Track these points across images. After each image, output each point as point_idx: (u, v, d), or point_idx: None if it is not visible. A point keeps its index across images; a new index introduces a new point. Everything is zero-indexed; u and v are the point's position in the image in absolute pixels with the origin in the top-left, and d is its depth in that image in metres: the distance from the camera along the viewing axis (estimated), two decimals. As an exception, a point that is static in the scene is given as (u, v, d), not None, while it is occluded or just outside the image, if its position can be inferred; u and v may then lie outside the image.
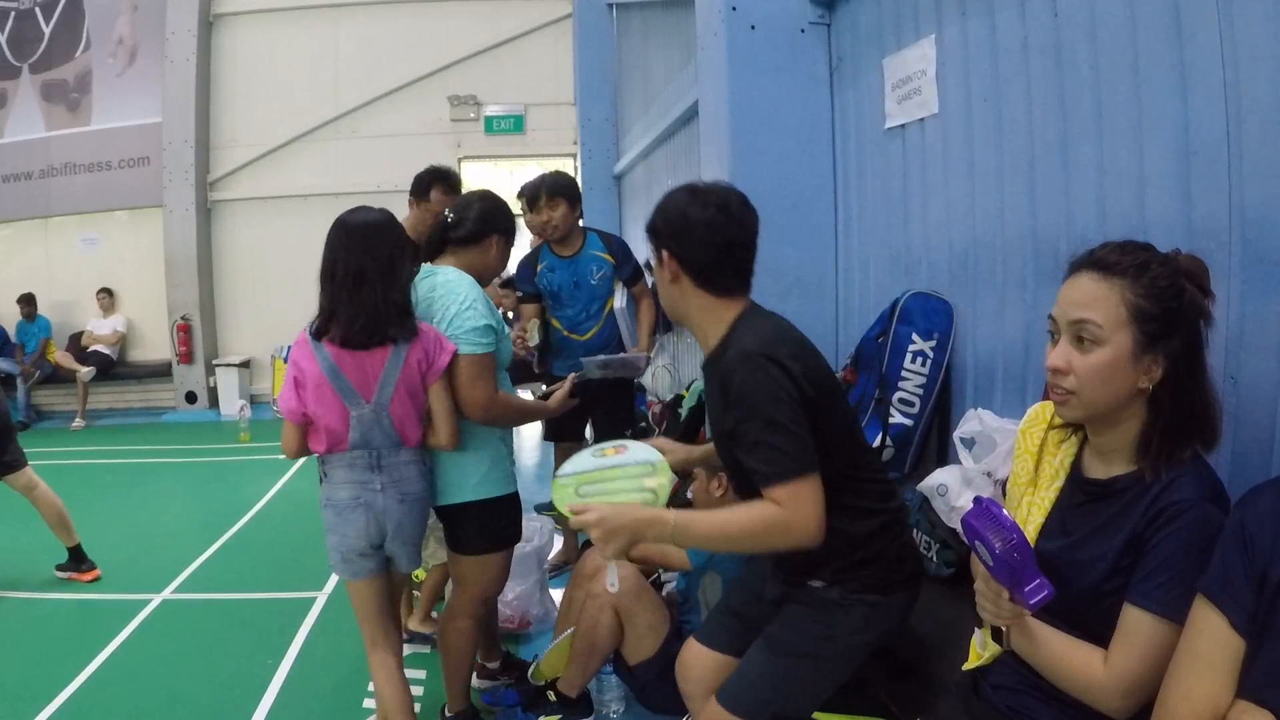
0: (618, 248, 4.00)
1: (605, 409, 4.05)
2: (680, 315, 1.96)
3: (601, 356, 3.80)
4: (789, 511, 1.68)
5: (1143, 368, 1.31)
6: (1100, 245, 1.37)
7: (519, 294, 4.02)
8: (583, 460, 1.97)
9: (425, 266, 2.54)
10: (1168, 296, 1.30)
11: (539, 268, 3.94)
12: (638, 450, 1.97)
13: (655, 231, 1.92)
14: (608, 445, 2.01)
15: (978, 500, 1.33)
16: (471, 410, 2.41)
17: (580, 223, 4.03)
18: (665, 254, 1.89)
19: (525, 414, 2.74)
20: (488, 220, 2.61)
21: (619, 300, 4.00)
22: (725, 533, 1.73)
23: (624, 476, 1.88)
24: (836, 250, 3.53)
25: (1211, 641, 1.14)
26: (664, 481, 1.85)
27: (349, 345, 2.24)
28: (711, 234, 1.87)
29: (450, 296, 2.42)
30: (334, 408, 2.26)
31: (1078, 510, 1.43)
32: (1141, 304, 1.29)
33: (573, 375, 2.79)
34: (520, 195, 3.97)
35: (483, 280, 2.63)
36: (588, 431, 4.36)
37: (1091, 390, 1.33)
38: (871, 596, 1.87)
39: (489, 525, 2.56)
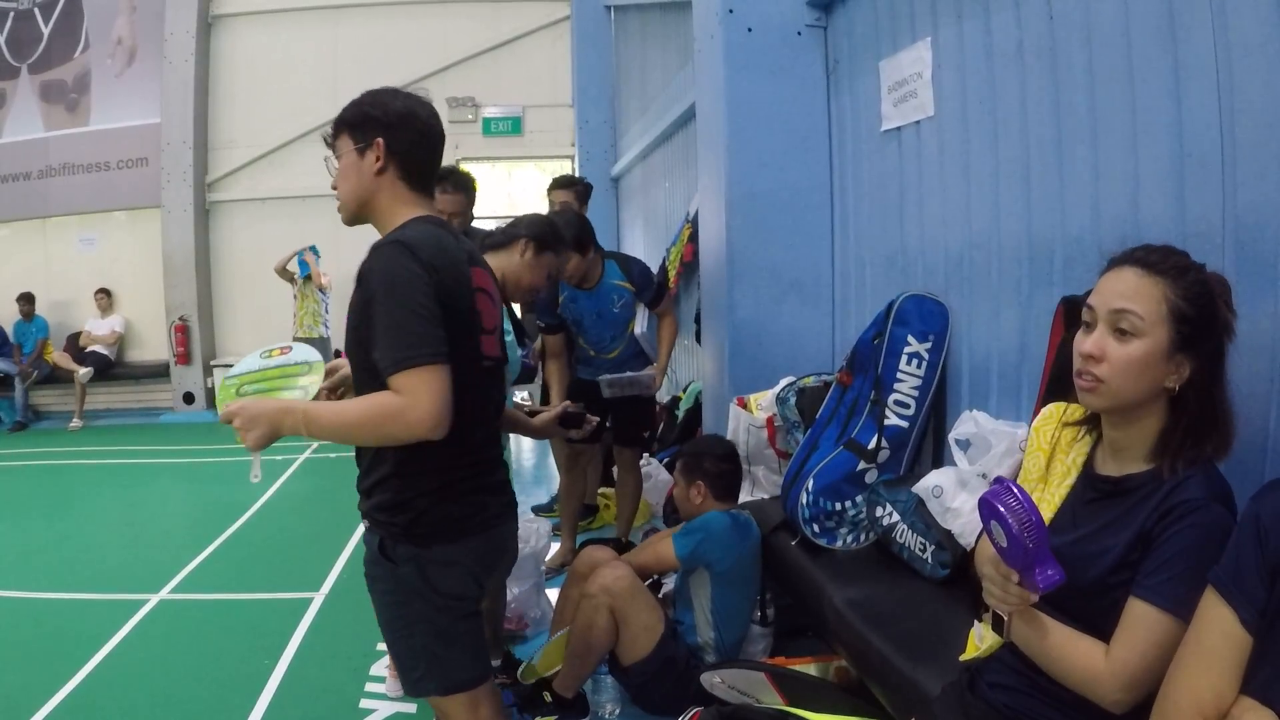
0: (638, 275, 3.99)
1: (624, 411, 4.09)
2: (364, 206, 1.89)
3: (609, 376, 3.86)
4: (407, 399, 1.65)
5: (1172, 367, 1.33)
6: (1139, 246, 1.41)
7: (540, 325, 4.01)
8: (250, 361, 1.98)
9: None
10: (1203, 302, 1.33)
11: (560, 299, 3.93)
12: (300, 350, 1.98)
13: (371, 120, 1.87)
14: (275, 346, 2.01)
15: (999, 480, 1.34)
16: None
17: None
18: (380, 142, 1.84)
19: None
20: (520, 224, 2.65)
21: (640, 325, 4.03)
22: (345, 420, 1.72)
23: (282, 375, 1.90)
24: (833, 252, 3.54)
25: (1219, 635, 1.14)
26: (317, 379, 1.87)
27: None
28: (428, 132, 1.89)
29: None
30: None
31: (1088, 506, 1.44)
32: (1181, 305, 1.32)
33: (565, 404, 2.70)
34: None
35: (513, 291, 2.63)
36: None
37: (1122, 380, 1.34)
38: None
39: None
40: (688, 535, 2.77)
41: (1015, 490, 1.30)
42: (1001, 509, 1.29)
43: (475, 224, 3.73)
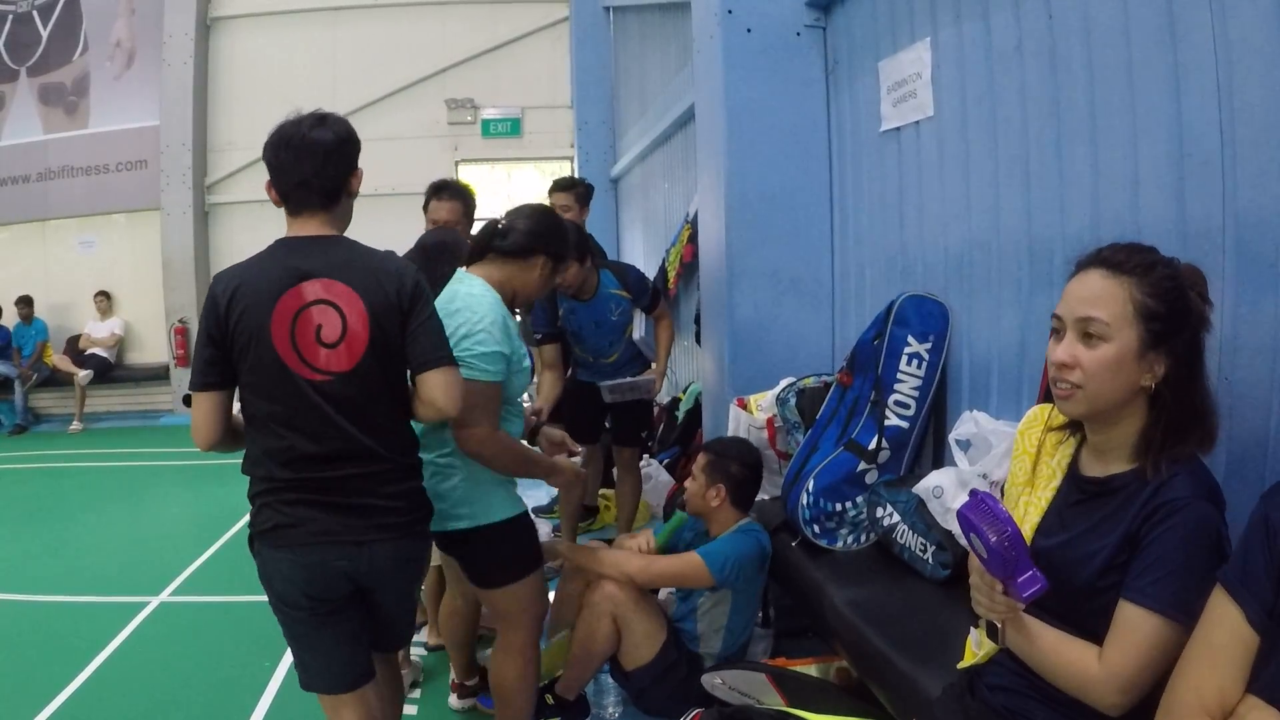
0: (633, 281, 3.99)
1: (623, 411, 4.11)
2: None
3: (610, 383, 3.88)
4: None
5: (1146, 365, 1.33)
6: (1107, 246, 1.40)
7: (537, 336, 4.03)
8: None
9: (458, 271, 2.35)
10: (1172, 297, 1.32)
11: (559, 311, 3.93)
12: None
13: None
14: None
15: (973, 493, 1.34)
16: (465, 441, 2.19)
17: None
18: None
19: (522, 463, 2.37)
20: (540, 236, 2.38)
21: (638, 330, 4.04)
22: None
23: None
24: (833, 253, 3.54)
25: (1226, 634, 1.14)
26: None
27: None
28: (267, 155, 2.07)
29: (466, 314, 2.20)
30: None
31: (1075, 508, 1.44)
32: (1148, 302, 1.31)
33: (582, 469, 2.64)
34: None
35: (518, 301, 2.43)
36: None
37: (1098, 384, 1.33)
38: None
39: (502, 551, 2.35)
40: (721, 559, 2.65)
41: (989, 503, 1.30)
42: (977, 522, 1.29)
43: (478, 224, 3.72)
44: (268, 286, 1.92)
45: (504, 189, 10.35)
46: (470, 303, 2.22)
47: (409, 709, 3.02)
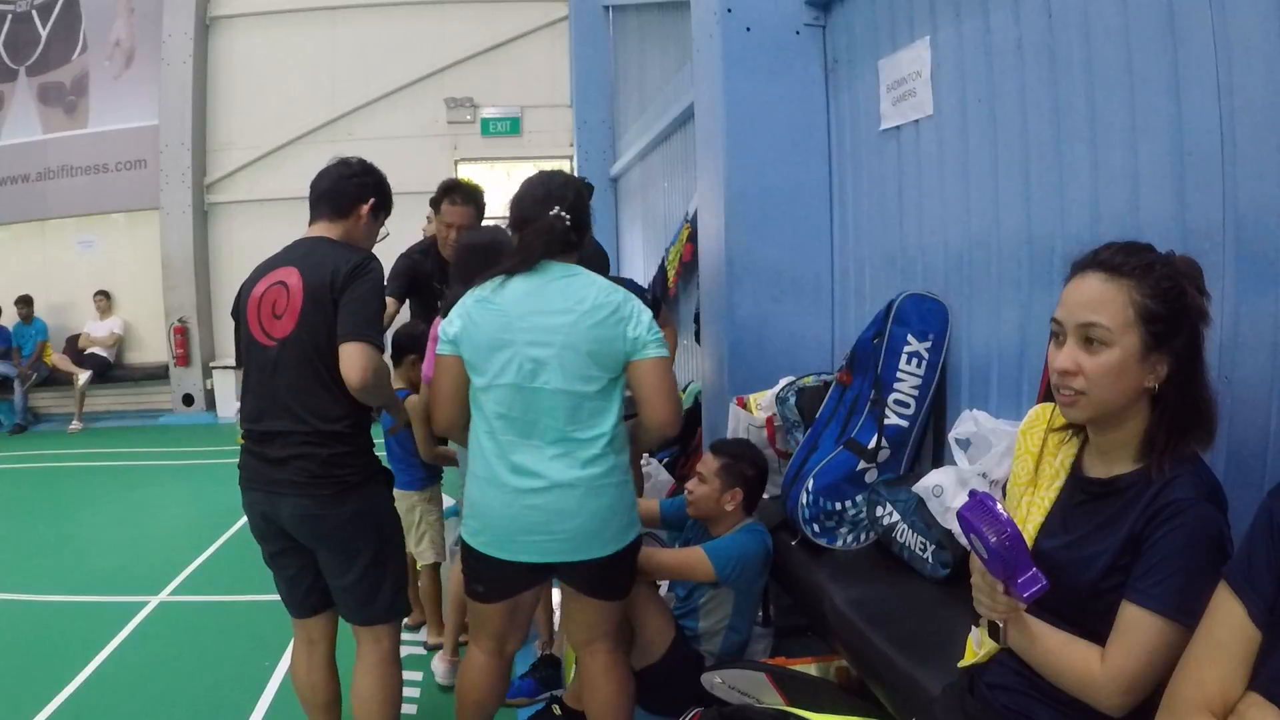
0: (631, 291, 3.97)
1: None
2: None
3: None
4: None
5: (1149, 367, 1.32)
6: (1103, 246, 1.38)
7: None
8: None
9: (559, 265, 2.27)
10: (1172, 296, 1.31)
11: None
12: None
13: None
14: None
15: (973, 493, 1.33)
16: (671, 422, 2.27)
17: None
18: None
19: None
20: (588, 217, 2.42)
21: None
22: None
23: None
24: (832, 252, 3.53)
25: (1228, 630, 1.14)
26: None
27: None
28: None
29: (633, 303, 2.26)
30: None
31: (1078, 509, 1.43)
32: (1148, 304, 1.30)
33: None
34: None
35: None
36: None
37: (1101, 391, 1.33)
38: None
39: (632, 562, 2.44)
40: (726, 557, 2.65)
41: (988, 504, 1.30)
42: (976, 522, 1.29)
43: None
44: (255, 277, 2.37)
45: (504, 188, 10.35)
46: (624, 293, 2.29)
47: (409, 707, 3.02)
